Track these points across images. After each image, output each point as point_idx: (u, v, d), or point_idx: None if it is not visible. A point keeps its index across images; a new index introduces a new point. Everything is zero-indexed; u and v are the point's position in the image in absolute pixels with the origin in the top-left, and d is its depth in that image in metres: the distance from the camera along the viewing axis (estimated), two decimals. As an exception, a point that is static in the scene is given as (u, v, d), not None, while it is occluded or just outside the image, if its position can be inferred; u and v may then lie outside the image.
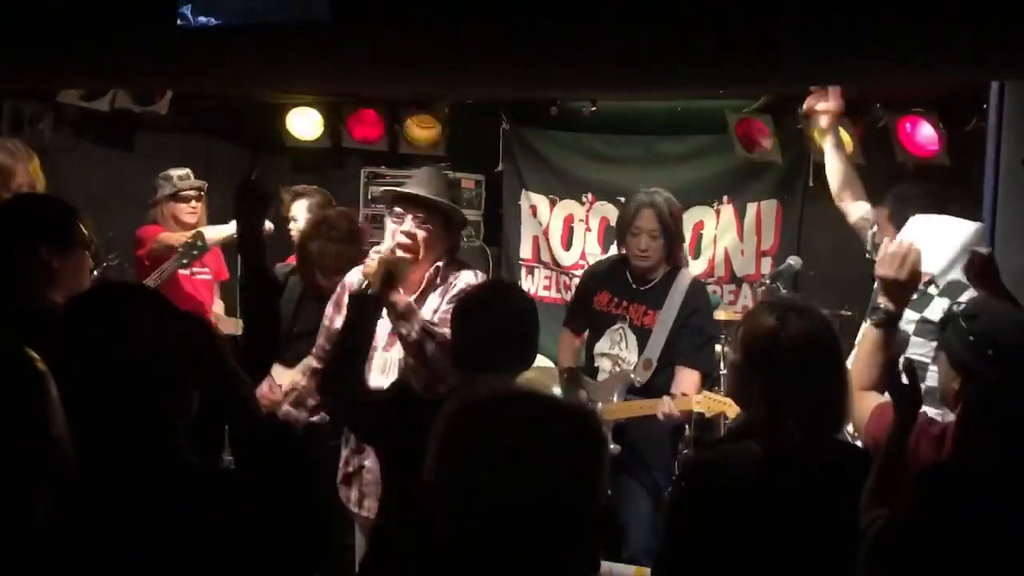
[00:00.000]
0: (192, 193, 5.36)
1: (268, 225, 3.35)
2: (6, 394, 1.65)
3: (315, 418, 4.04)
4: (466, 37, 2.60)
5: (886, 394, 2.65)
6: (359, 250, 4.24)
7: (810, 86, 4.29)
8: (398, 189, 3.73)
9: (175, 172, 5.38)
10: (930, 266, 3.17)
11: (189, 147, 6.47)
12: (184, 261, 4.91)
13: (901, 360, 2.67)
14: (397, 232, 3.52)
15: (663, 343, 4.39)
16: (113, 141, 6.13)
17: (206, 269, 5.46)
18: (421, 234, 3.50)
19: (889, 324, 2.77)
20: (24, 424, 1.64)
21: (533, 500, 1.37)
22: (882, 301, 2.79)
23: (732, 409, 4.09)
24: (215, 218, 5.42)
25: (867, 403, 2.73)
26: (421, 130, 6.30)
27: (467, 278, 3.53)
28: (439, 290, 3.53)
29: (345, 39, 2.59)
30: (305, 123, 6.46)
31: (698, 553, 2.44)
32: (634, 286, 4.50)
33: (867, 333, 2.84)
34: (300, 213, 5.22)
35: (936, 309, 3.25)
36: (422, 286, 3.53)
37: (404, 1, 2.39)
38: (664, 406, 4.18)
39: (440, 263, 3.55)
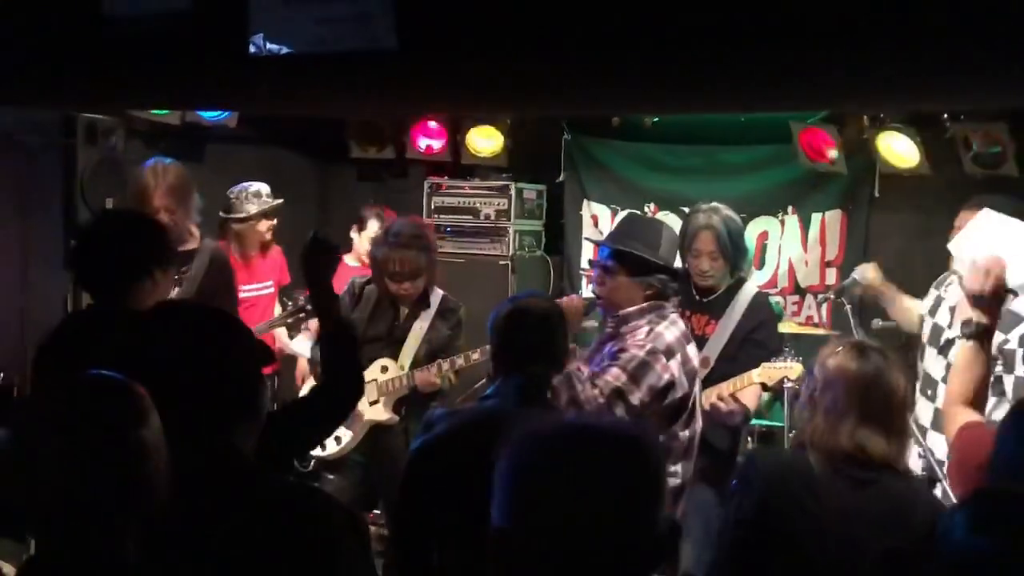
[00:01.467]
0: (272, 212, 5.40)
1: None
2: (107, 425, 1.70)
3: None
4: (528, 60, 2.63)
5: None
6: (427, 257, 4.33)
7: (877, 108, 4.26)
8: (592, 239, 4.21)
9: (261, 187, 5.38)
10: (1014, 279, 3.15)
11: (257, 159, 6.60)
12: (289, 322, 5.01)
13: None
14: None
15: (720, 347, 4.40)
16: (183, 153, 6.21)
17: (269, 283, 5.49)
18: (606, 285, 3.71)
19: (981, 337, 2.79)
20: (122, 456, 1.69)
21: (600, 530, 1.39)
22: (973, 315, 2.80)
23: (794, 371, 4.16)
24: (279, 230, 5.51)
25: (961, 419, 2.74)
26: (483, 141, 6.35)
27: (641, 332, 3.62)
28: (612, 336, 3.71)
29: (411, 65, 2.63)
30: (370, 134, 6.54)
31: (750, 547, 2.54)
32: (697, 297, 4.50)
33: (961, 348, 2.86)
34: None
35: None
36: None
37: (468, 27, 2.43)
38: (718, 391, 4.20)
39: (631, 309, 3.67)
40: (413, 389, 4.47)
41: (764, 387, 4.31)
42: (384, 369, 4.48)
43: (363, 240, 5.84)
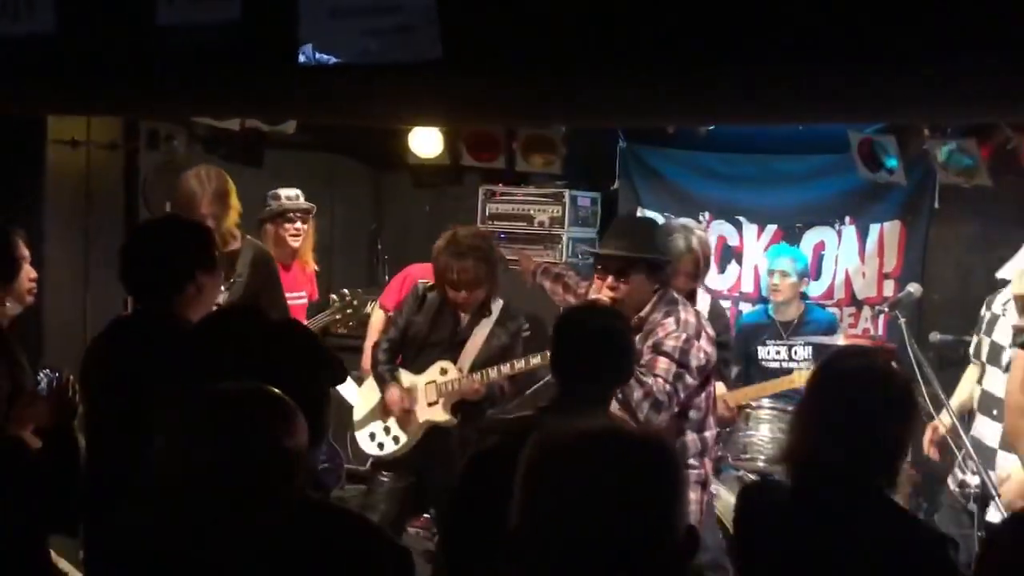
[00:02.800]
0: (298, 215, 5.31)
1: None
2: (262, 434, 1.74)
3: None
4: (575, 72, 2.63)
5: None
6: (487, 267, 4.36)
7: (935, 119, 4.19)
8: (593, 250, 4.31)
9: (284, 192, 5.35)
10: None
11: (313, 164, 6.68)
12: (337, 317, 5.04)
13: None
14: (604, 288, 3.78)
15: None
16: (242, 158, 6.34)
17: (302, 293, 5.49)
18: (623, 289, 3.75)
19: None
20: (276, 466, 1.73)
21: (617, 535, 1.39)
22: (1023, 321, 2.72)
23: None
24: (335, 235, 5.55)
25: None
26: (537, 152, 6.36)
27: (670, 323, 3.73)
28: (639, 335, 3.71)
29: (458, 76, 2.65)
30: (425, 141, 6.59)
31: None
32: None
33: (1016, 357, 2.76)
34: None
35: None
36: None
37: (513, 39, 2.44)
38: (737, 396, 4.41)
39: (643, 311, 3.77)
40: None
41: None
42: (443, 371, 4.53)
43: None
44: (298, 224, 5.32)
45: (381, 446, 4.61)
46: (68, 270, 5.41)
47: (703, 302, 4.61)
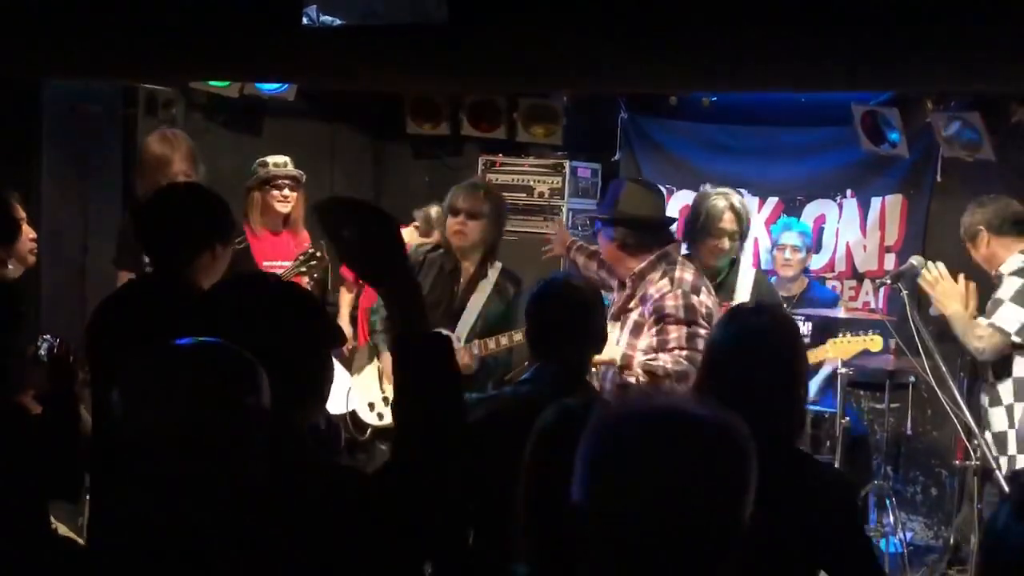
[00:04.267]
0: (286, 182, 5.13)
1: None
2: (222, 391, 1.69)
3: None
4: (580, 36, 2.61)
5: None
6: (491, 208, 4.46)
7: (941, 87, 4.17)
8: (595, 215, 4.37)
9: (272, 159, 5.18)
10: None
11: (313, 133, 6.63)
12: (302, 270, 4.76)
13: None
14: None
15: None
16: (241, 126, 6.30)
17: (286, 262, 5.31)
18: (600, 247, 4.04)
19: None
20: (234, 424, 1.68)
21: (683, 517, 1.34)
22: None
23: (875, 343, 4.46)
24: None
25: None
26: (538, 122, 6.32)
27: (664, 284, 3.82)
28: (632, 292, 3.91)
29: (462, 40, 2.62)
30: (424, 111, 6.53)
31: None
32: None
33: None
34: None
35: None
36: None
37: (519, 2, 2.42)
38: None
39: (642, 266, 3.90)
40: None
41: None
42: None
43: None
44: (286, 191, 5.14)
45: (380, 416, 4.60)
46: (65, 235, 5.38)
47: (747, 275, 4.55)
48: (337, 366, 4.42)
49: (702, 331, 3.74)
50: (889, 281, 4.58)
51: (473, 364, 4.41)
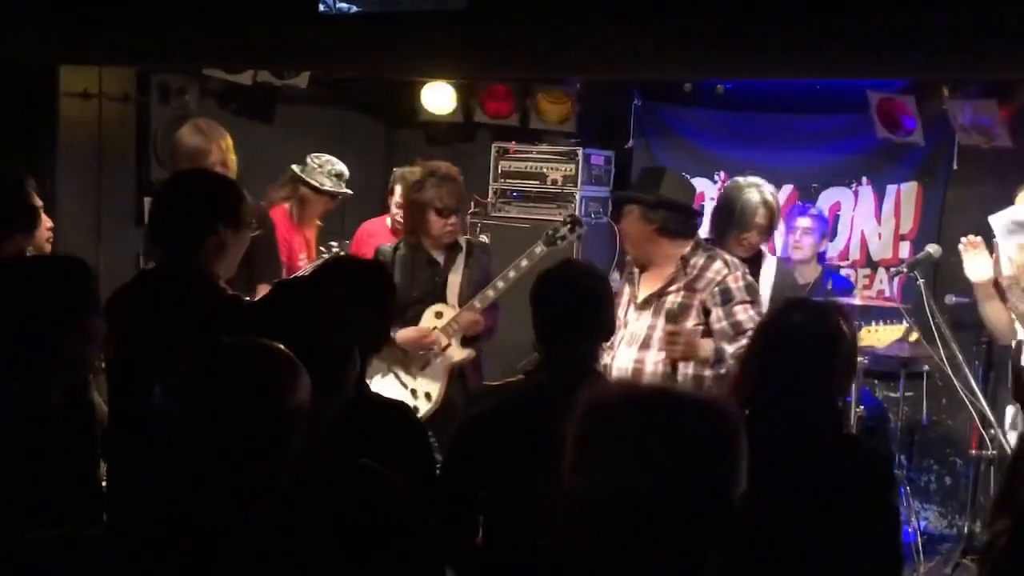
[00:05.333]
0: (338, 197, 5.32)
1: None
2: (263, 389, 1.67)
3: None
4: (599, 21, 2.59)
5: None
6: (463, 191, 4.45)
7: (956, 74, 4.14)
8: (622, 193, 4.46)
9: (338, 167, 5.30)
10: None
11: (326, 120, 6.63)
12: None
13: None
14: None
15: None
16: (254, 113, 6.30)
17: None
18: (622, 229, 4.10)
19: None
20: (275, 422, 1.67)
21: (673, 497, 1.36)
22: None
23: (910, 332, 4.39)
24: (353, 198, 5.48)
25: None
26: (552, 105, 6.29)
27: (719, 266, 3.90)
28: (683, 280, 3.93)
29: (480, 26, 2.61)
30: (438, 98, 6.52)
31: None
32: None
33: None
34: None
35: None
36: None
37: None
38: None
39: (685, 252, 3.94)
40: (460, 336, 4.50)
41: None
42: (439, 315, 4.51)
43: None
44: (331, 204, 5.32)
45: (416, 409, 4.56)
46: (80, 223, 5.39)
47: (770, 264, 4.51)
48: None
49: (763, 309, 3.87)
50: (905, 269, 4.55)
51: (481, 319, 4.46)
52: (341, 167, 5.33)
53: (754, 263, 4.42)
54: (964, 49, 3.02)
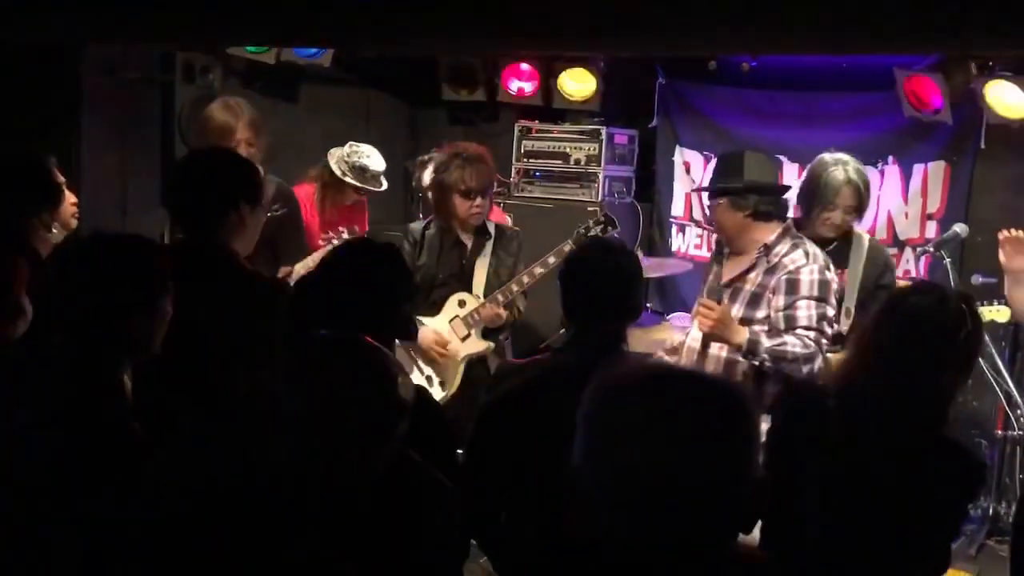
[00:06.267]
0: (366, 192, 5.35)
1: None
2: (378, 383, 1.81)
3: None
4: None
5: None
6: (492, 173, 4.40)
7: (984, 50, 4.08)
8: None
9: (374, 165, 5.32)
10: None
11: (350, 99, 6.64)
12: None
13: None
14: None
15: (855, 296, 4.23)
16: (278, 92, 6.31)
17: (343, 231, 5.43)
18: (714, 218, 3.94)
19: None
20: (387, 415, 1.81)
21: (685, 478, 1.34)
22: None
23: (1003, 314, 4.30)
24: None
25: None
26: (575, 84, 6.26)
27: (798, 256, 3.77)
28: (764, 268, 3.82)
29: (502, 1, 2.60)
30: (462, 77, 6.50)
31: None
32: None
33: None
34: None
35: None
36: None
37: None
38: None
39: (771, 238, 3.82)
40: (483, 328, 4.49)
41: None
42: (462, 303, 4.49)
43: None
44: (358, 198, 5.33)
45: None
46: (105, 202, 5.42)
47: (860, 245, 4.33)
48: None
49: (830, 311, 3.73)
50: (932, 249, 4.51)
51: (503, 313, 4.43)
52: (365, 162, 5.31)
53: (844, 244, 4.30)
54: (992, 25, 2.98)
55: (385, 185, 5.43)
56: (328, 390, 1.74)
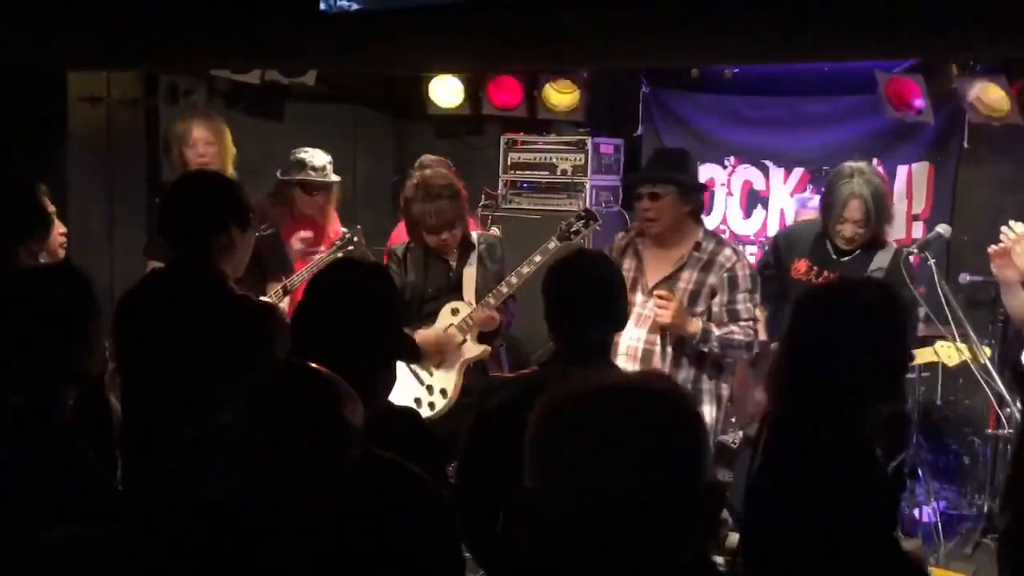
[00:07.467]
0: (320, 190, 5.20)
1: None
2: (325, 410, 1.80)
3: None
4: (600, 11, 2.59)
5: None
6: (459, 203, 4.34)
7: (964, 51, 4.10)
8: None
9: (310, 159, 5.19)
10: None
11: (335, 116, 6.64)
12: (338, 255, 4.76)
13: None
14: (641, 210, 4.08)
15: None
16: (263, 112, 6.32)
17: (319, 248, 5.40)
18: (655, 208, 3.99)
19: None
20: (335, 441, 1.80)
21: (638, 494, 1.32)
22: None
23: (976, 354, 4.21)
24: (357, 186, 5.49)
25: None
26: (560, 95, 6.27)
27: (728, 252, 3.99)
28: (696, 264, 4.00)
29: (479, 18, 2.61)
30: (446, 91, 6.52)
31: None
32: (834, 256, 4.37)
33: None
34: None
35: None
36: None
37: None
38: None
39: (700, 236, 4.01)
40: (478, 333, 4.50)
41: None
42: (455, 311, 4.49)
43: None
44: (316, 195, 5.18)
45: (432, 406, 4.56)
46: (92, 226, 5.43)
47: (882, 257, 4.29)
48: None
49: (759, 298, 4.03)
50: (916, 250, 4.51)
51: (497, 316, 4.42)
52: (303, 156, 5.20)
53: (865, 254, 4.30)
54: (973, 27, 3.00)
55: (334, 177, 5.27)
56: (274, 417, 1.76)
